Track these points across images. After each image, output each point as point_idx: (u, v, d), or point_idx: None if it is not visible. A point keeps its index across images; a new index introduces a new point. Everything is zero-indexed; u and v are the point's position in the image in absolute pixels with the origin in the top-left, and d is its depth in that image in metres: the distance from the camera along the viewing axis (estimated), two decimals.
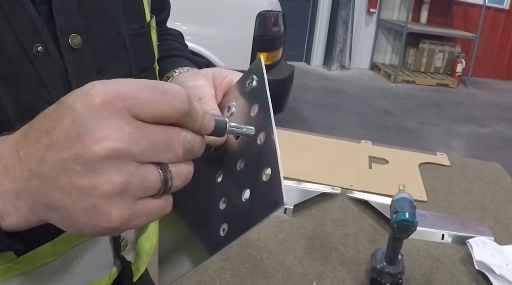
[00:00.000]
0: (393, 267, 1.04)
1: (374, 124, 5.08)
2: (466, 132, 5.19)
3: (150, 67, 0.65)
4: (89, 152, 0.33)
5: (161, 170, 0.36)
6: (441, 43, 7.31)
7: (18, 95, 0.45)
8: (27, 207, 0.37)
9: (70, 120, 0.34)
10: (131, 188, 0.35)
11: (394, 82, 6.92)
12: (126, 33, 0.58)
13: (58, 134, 0.35)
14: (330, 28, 7.34)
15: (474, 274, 1.17)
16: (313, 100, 5.71)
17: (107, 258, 0.62)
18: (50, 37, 0.48)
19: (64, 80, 0.49)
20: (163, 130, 0.36)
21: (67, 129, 0.34)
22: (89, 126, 0.34)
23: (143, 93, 0.36)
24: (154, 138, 0.36)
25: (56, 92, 0.48)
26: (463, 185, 1.69)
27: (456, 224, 1.38)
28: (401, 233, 0.98)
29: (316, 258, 1.17)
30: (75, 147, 0.34)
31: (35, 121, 0.37)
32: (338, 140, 1.99)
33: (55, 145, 0.35)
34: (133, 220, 0.36)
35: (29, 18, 0.46)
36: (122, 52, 0.58)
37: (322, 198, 1.46)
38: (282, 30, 3.50)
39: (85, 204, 0.34)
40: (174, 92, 0.37)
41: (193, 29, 3.24)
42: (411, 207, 0.99)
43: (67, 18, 0.49)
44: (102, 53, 0.54)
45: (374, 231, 1.32)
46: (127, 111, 0.35)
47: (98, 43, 0.53)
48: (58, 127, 0.35)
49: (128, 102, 0.35)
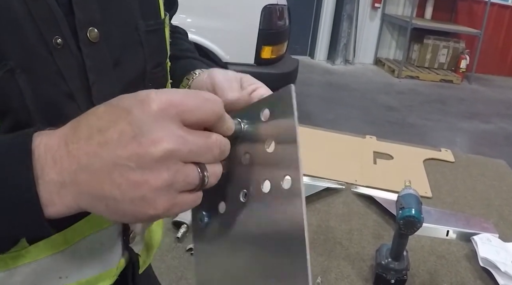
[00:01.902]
0: (398, 263, 1.04)
1: (377, 119, 5.07)
2: (469, 129, 5.18)
3: (162, 63, 0.65)
4: (145, 151, 0.38)
5: (200, 169, 0.41)
6: (446, 39, 7.28)
7: (37, 86, 0.46)
8: (71, 197, 0.40)
9: (126, 122, 0.38)
10: (176, 183, 0.40)
11: (398, 77, 6.90)
12: (142, 29, 0.59)
13: (112, 133, 0.39)
14: (335, 23, 7.32)
15: (479, 271, 1.17)
16: (316, 95, 5.70)
17: (116, 250, 0.62)
18: (69, 29, 0.48)
19: (81, 73, 0.50)
20: (205, 134, 0.41)
21: (123, 129, 0.38)
22: (145, 129, 0.38)
23: (190, 101, 0.40)
24: (198, 141, 0.41)
25: (73, 84, 0.49)
26: (467, 181, 1.69)
27: (461, 220, 1.38)
28: (406, 229, 0.98)
29: (320, 253, 1.17)
30: (130, 146, 0.38)
31: (83, 118, 0.41)
32: (343, 135, 1.99)
33: (108, 143, 0.39)
34: (172, 209, 0.41)
35: (50, 10, 0.46)
36: (138, 47, 0.59)
37: (326, 193, 1.46)
38: (287, 24, 3.49)
39: (134, 195, 0.39)
40: (214, 99, 0.42)
41: (198, 22, 3.23)
42: (417, 203, 0.99)
43: (86, 11, 0.50)
44: (119, 48, 0.55)
45: (378, 227, 1.32)
46: (178, 117, 0.40)
47: (115, 37, 0.54)
48: (112, 127, 0.39)
49: (179, 109, 0.40)
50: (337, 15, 7.22)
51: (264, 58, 3.27)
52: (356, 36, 7.37)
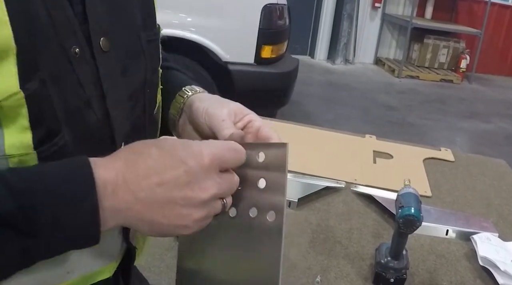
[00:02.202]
0: (398, 262, 1.04)
1: (377, 118, 5.07)
2: (469, 128, 5.18)
3: (157, 70, 0.71)
4: (196, 195, 0.50)
5: (223, 201, 0.54)
6: (446, 38, 7.28)
7: (62, 95, 0.49)
8: (122, 220, 0.49)
9: (183, 170, 0.49)
10: (210, 214, 0.53)
11: (398, 77, 6.90)
12: (144, 39, 0.65)
13: (170, 177, 0.49)
14: (335, 22, 7.31)
15: (478, 270, 1.17)
16: (316, 94, 5.70)
17: (117, 244, 0.64)
18: (84, 38, 0.52)
19: (96, 80, 0.54)
20: (230, 177, 0.54)
21: (179, 176, 0.49)
22: (198, 178, 0.50)
23: (227, 153, 0.53)
24: (228, 184, 0.54)
25: (90, 92, 0.53)
26: (467, 181, 1.68)
27: (461, 219, 1.38)
28: (406, 228, 0.98)
29: (320, 252, 1.17)
30: (184, 190, 0.49)
31: (139, 158, 0.49)
32: (342, 134, 1.99)
33: (165, 184, 0.49)
34: (198, 229, 0.53)
35: (68, 19, 0.50)
36: (141, 56, 0.64)
37: (326, 192, 1.46)
38: (287, 23, 3.48)
39: (178, 224, 0.51)
40: (241, 150, 0.55)
41: (198, 21, 3.23)
42: (417, 202, 0.99)
43: (99, 21, 0.54)
44: (125, 56, 0.60)
45: (378, 226, 1.32)
46: (218, 166, 0.52)
47: (121, 47, 0.59)
48: (169, 173, 0.49)
49: (221, 161, 0.52)
50: (337, 15, 7.21)
51: (264, 57, 3.27)
52: (356, 35, 7.37)
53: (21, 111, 0.45)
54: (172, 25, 3.14)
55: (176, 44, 3.22)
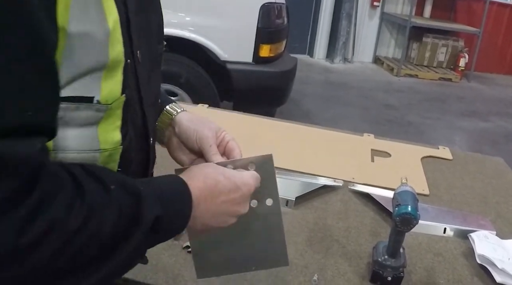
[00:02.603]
0: (395, 260, 1.04)
1: (376, 117, 5.07)
2: (468, 127, 5.18)
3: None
4: (242, 210, 0.73)
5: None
6: (445, 37, 7.27)
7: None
8: (192, 223, 0.66)
9: (239, 194, 0.71)
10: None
11: (397, 76, 6.89)
12: (159, 52, 0.80)
13: (231, 198, 0.70)
14: (334, 21, 7.31)
15: (476, 268, 1.17)
16: (315, 93, 5.70)
17: None
18: (131, 53, 0.65)
19: (136, 86, 0.68)
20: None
21: (236, 198, 0.71)
22: (245, 199, 0.73)
23: (256, 183, 0.74)
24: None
25: (134, 96, 0.68)
26: (465, 179, 1.68)
27: (458, 218, 1.38)
28: (403, 226, 0.97)
29: (317, 251, 1.17)
30: (236, 207, 0.72)
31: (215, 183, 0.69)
32: (340, 133, 1.99)
33: (227, 202, 0.70)
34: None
35: (128, 38, 0.63)
36: (158, 66, 0.79)
37: (324, 190, 1.46)
38: (286, 22, 3.47)
39: (220, 225, 0.72)
40: (257, 177, 0.75)
41: (196, 20, 3.22)
42: (414, 200, 0.99)
43: (136, 37, 0.66)
44: (149, 66, 0.73)
45: (376, 224, 1.32)
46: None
47: (147, 59, 0.72)
48: (231, 195, 0.70)
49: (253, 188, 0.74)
50: (336, 14, 7.21)
51: (263, 56, 3.26)
52: (355, 34, 7.37)
53: (117, 113, 0.62)
54: (171, 24, 3.14)
55: (174, 44, 3.21)
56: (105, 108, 0.59)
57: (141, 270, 1.04)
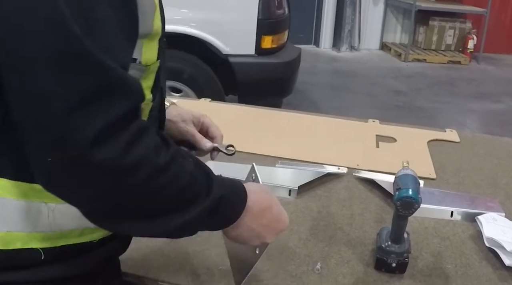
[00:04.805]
0: (399, 246, 1.01)
1: (385, 104, 5.02)
2: (479, 109, 5.10)
3: None
4: (270, 241, 0.83)
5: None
6: (451, 19, 7.17)
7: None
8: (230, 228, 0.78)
9: (277, 226, 0.83)
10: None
11: (405, 61, 6.82)
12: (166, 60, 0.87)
13: (272, 226, 0.83)
14: (338, 9, 7.23)
15: (484, 251, 1.14)
16: (323, 83, 5.65)
17: None
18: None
19: (160, 88, 0.82)
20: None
21: (273, 228, 0.83)
22: (277, 233, 0.84)
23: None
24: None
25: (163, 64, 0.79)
26: (473, 161, 1.65)
27: (466, 200, 1.34)
28: (404, 211, 0.95)
29: (321, 239, 1.15)
30: (270, 235, 0.83)
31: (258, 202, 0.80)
32: (344, 120, 1.96)
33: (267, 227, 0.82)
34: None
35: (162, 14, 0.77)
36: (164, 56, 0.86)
37: (327, 178, 1.43)
38: (287, 12, 3.43)
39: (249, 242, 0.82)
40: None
41: (198, 15, 3.20)
42: (415, 183, 0.96)
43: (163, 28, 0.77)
44: (164, 73, 0.83)
45: (381, 210, 1.29)
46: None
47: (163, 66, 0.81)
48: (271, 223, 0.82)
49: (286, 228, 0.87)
50: (340, 2, 7.13)
51: (265, 48, 3.23)
52: (361, 21, 7.29)
53: (151, 76, 0.74)
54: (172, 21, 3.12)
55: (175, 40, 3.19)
56: (144, 69, 0.72)
57: (142, 265, 1.03)
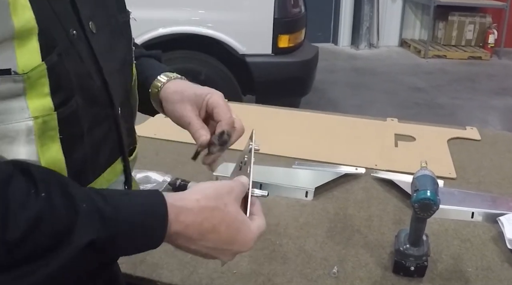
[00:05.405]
0: (417, 248, 0.99)
1: (405, 101, 4.96)
2: (501, 105, 5.01)
3: (131, 48, 0.82)
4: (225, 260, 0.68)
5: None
6: (471, 14, 7.06)
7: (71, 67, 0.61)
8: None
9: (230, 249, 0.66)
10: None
11: (425, 57, 6.74)
12: (120, 21, 0.78)
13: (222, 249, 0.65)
14: (356, 7, 7.18)
15: (506, 254, 1.11)
16: (341, 81, 5.61)
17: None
18: (78, 23, 0.64)
19: (92, 56, 0.66)
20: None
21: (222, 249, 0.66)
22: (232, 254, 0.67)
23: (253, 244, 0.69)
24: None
25: (89, 65, 0.65)
26: (494, 159, 1.61)
27: (487, 201, 1.31)
28: (422, 213, 0.93)
29: (337, 242, 1.13)
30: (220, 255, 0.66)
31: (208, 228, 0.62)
32: (362, 119, 1.93)
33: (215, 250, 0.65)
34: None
35: (65, 8, 0.62)
36: (120, 36, 0.77)
37: (345, 179, 1.41)
38: (303, 11, 3.42)
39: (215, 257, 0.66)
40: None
41: (214, 16, 3.20)
42: (433, 184, 0.94)
43: (86, 8, 0.66)
44: (109, 36, 0.73)
45: (399, 212, 1.27)
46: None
47: (106, 28, 0.71)
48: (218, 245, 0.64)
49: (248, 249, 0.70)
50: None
51: (282, 47, 3.22)
52: (379, 18, 7.23)
53: (43, 81, 0.58)
54: (187, 22, 3.13)
55: (192, 41, 3.20)
56: (24, 78, 0.56)
57: (155, 269, 1.02)
